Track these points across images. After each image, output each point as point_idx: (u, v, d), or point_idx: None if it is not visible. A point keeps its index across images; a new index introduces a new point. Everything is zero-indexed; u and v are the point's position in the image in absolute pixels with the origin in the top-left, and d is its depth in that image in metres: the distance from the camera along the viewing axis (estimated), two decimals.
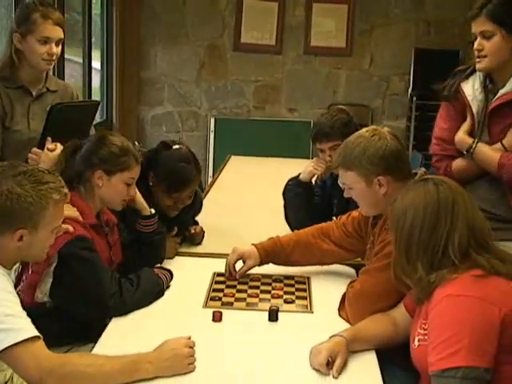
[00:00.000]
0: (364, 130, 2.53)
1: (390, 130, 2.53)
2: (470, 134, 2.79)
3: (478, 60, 2.74)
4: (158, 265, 2.77)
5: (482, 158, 2.62)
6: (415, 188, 2.06)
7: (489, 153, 2.68)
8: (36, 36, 2.92)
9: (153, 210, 2.79)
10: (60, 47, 3.02)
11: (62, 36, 3.01)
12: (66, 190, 2.09)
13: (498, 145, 2.72)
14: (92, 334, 2.28)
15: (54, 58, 3.00)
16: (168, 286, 2.66)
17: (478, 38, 2.72)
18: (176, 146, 3.09)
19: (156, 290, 2.57)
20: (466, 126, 2.80)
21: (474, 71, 2.81)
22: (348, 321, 2.40)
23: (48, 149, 2.75)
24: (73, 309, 2.39)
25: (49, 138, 2.79)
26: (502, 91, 2.73)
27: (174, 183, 2.97)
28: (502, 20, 2.66)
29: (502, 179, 2.63)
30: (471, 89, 2.81)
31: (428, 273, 1.96)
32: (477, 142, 2.72)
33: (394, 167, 2.44)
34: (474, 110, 2.78)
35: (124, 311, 2.41)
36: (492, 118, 2.76)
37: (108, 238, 2.65)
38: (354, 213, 2.76)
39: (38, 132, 2.90)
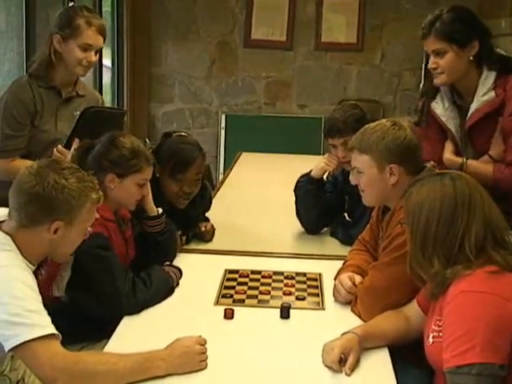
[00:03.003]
0: (384, 120, 2.55)
1: (409, 123, 2.54)
2: (456, 151, 2.86)
3: (435, 76, 2.80)
4: (168, 262, 2.77)
5: (476, 174, 2.57)
6: (431, 182, 2.05)
7: (481, 168, 2.73)
8: (78, 42, 2.96)
9: (160, 210, 2.78)
10: (98, 55, 3.06)
11: (102, 45, 3.07)
12: (101, 193, 2.14)
13: (486, 157, 2.78)
14: (105, 332, 2.28)
15: (91, 65, 3.05)
16: (177, 284, 2.66)
17: (432, 57, 2.76)
18: (177, 133, 3.13)
19: (167, 288, 2.58)
20: (449, 146, 2.88)
21: (439, 88, 2.89)
22: (360, 316, 2.40)
23: (74, 149, 2.78)
24: (87, 306, 2.40)
25: (76, 139, 2.82)
26: (472, 108, 2.78)
27: (176, 164, 2.98)
28: (451, 37, 2.72)
29: (500, 190, 2.63)
30: (442, 109, 2.87)
31: (444, 267, 1.95)
32: (466, 160, 2.78)
33: (408, 159, 2.44)
34: (453, 130, 2.86)
35: (136, 310, 2.41)
36: (471, 134, 2.82)
37: (124, 234, 2.66)
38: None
39: (64, 134, 2.95)
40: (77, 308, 2.41)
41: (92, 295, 2.38)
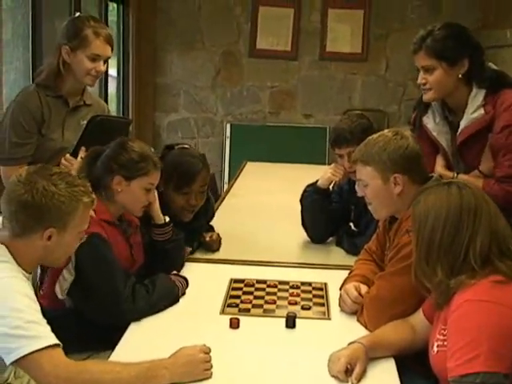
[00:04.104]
0: (386, 130, 2.56)
1: (412, 134, 2.55)
2: (448, 165, 2.89)
3: (423, 92, 2.84)
4: (175, 272, 2.76)
5: None
6: (438, 191, 2.05)
7: (471, 183, 2.69)
8: (86, 52, 2.98)
9: (167, 218, 2.79)
10: (106, 65, 3.07)
11: (110, 55, 3.08)
12: (94, 196, 2.13)
13: (476, 171, 2.81)
14: (111, 341, 2.27)
15: (100, 75, 3.06)
16: (183, 293, 2.65)
17: (421, 72, 2.79)
18: (179, 146, 3.13)
19: (171, 297, 2.57)
20: (440, 160, 2.91)
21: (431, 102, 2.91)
22: (366, 326, 2.39)
23: (81, 158, 2.80)
24: (87, 310, 2.41)
25: (83, 148, 2.85)
26: (461, 125, 2.80)
27: (181, 178, 2.97)
28: (441, 55, 2.74)
29: None
30: (433, 124, 2.90)
31: (448, 277, 1.95)
32: (457, 175, 2.80)
33: (412, 168, 2.45)
34: (444, 144, 2.89)
35: (136, 317, 2.41)
36: (462, 150, 2.84)
37: (129, 238, 2.66)
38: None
39: (71, 142, 2.97)
40: (82, 315, 2.41)
41: (91, 299, 2.38)
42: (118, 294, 2.38)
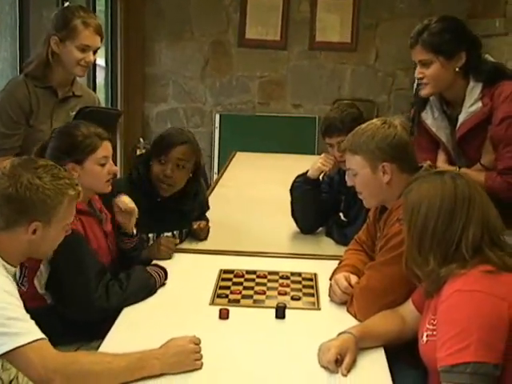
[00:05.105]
0: (375, 119, 2.57)
1: (401, 121, 2.54)
2: (449, 160, 2.89)
3: (420, 87, 2.84)
4: (154, 262, 2.77)
5: None
6: (431, 180, 2.05)
7: (473, 176, 2.68)
8: (75, 43, 2.97)
9: (134, 231, 2.76)
10: (96, 55, 3.06)
11: (99, 45, 3.07)
12: (79, 189, 2.11)
13: (478, 165, 2.80)
14: (99, 332, 2.27)
15: (89, 65, 3.07)
16: (163, 284, 2.64)
17: (418, 66, 2.78)
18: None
19: (146, 290, 2.55)
20: (442, 155, 2.91)
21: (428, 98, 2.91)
22: (355, 317, 2.39)
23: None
24: (60, 306, 2.40)
25: None
26: (460, 119, 2.80)
27: (161, 145, 3.02)
28: (438, 48, 2.74)
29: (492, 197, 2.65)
30: (432, 119, 2.90)
31: (440, 266, 1.95)
32: (459, 169, 2.77)
33: (400, 156, 2.45)
34: (444, 139, 2.89)
35: (109, 313, 2.39)
36: (462, 144, 2.84)
37: (103, 227, 2.64)
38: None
39: None
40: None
41: (65, 294, 2.38)
42: (91, 293, 2.36)
